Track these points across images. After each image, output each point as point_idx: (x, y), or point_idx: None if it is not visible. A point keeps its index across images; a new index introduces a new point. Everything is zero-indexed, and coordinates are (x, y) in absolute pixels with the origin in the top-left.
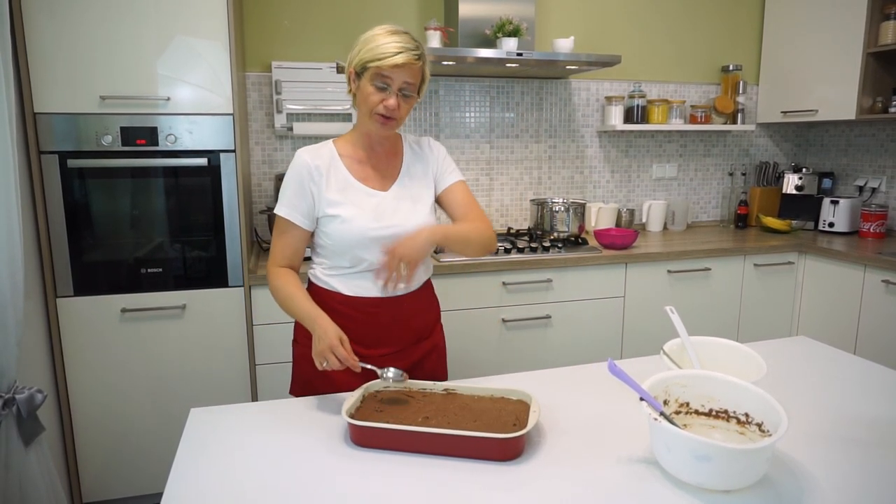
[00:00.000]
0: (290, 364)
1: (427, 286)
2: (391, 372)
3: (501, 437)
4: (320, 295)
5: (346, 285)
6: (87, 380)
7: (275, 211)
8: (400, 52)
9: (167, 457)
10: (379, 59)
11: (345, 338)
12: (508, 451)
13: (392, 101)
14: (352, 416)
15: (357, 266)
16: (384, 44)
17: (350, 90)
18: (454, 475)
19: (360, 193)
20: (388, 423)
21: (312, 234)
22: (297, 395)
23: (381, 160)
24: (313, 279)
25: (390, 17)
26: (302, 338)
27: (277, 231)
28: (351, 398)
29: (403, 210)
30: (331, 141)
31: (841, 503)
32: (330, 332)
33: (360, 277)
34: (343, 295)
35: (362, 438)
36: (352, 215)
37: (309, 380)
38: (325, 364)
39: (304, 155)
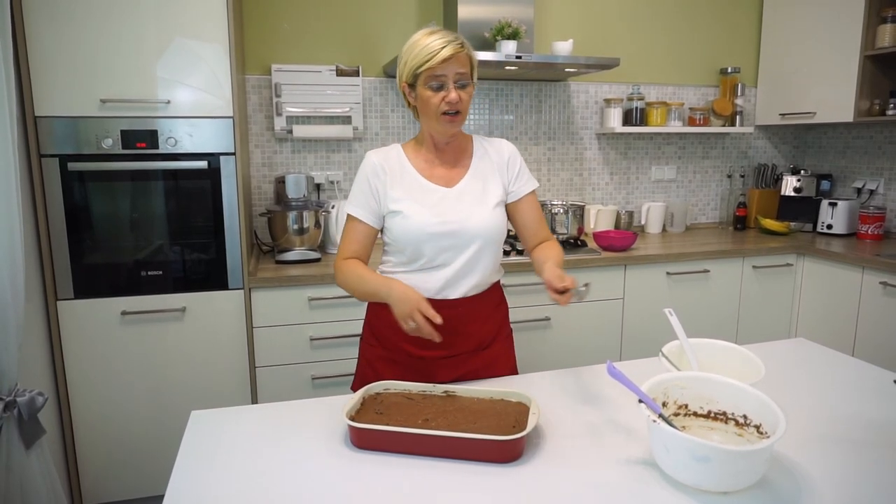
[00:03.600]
0: (290, 366)
1: (490, 293)
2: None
3: (501, 439)
4: None
5: (412, 280)
6: (88, 382)
7: (345, 209)
8: (444, 47)
9: (167, 459)
10: (427, 61)
11: (424, 302)
12: (508, 453)
13: (453, 95)
14: (352, 419)
15: (416, 262)
16: (426, 45)
17: (409, 104)
18: (454, 477)
19: (425, 190)
20: (388, 425)
21: (379, 233)
22: (355, 391)
23: (448, 159)
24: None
25: (390, 19)
26: (368, 336)
27: (345, 228)
28: (351, 400)
29: (466, 207)
30: (398, 144)
31: None
32: (411, 293)
33: (416, 276)
34: None
35: (362, 441)
36: (413, 211)
37: (366, 378)
38: (411, 325)
39: (372, 156)
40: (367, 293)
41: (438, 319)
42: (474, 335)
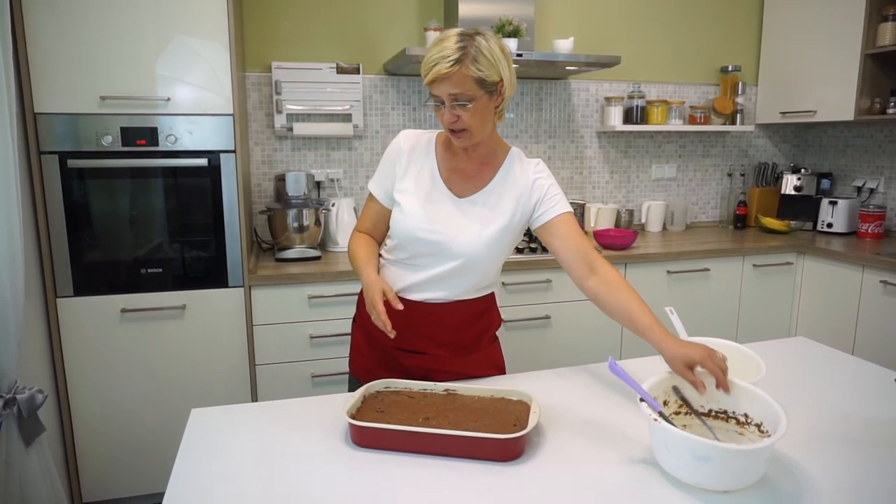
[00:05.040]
0: (290, 364)
1: (472, 305)
2: None
3: (502, 438)
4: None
5: (387, 271)
6: (88, 380)
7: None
8: (433, 66)
9: (167, 457)
10: (424, 78)
11: (388, 288)
12: (509, 452)
13: (446, 116)
14: (352, 417)
15: (399, 253)
16: (427, 59)
17: None
18: (455, 475)
19: (434, 191)
20: (388, 423)
21: None
22: (354, 372)
23: (471, 164)
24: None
25: (390, 17)
26: (359, 317)
27: (367, 202)
28: (351, 399)
29: (461, 224)
30: (436, 132)
31: (839, 503)
32: (376, 281)
33: (394, 271)
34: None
35: (363, 439)
36: (410, 208)
37: (366, 365)
38: (373, 313)
39: (403, 136)
40: (354, 270)
41: (399, 306)
42: (446, 341)
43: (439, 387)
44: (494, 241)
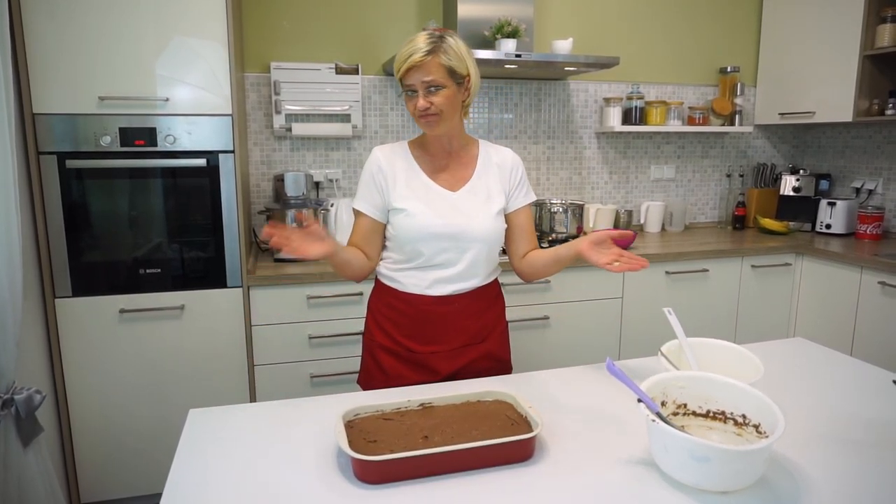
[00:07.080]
0: (289, 364)
1: (487, 290)
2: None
3: (523, 438)
4: (383, 290)
5: (402, 282)
6: (86, 380)
7: (352, 204)
8: (409, 57)
9: (165, 457)
10: (397, 72)
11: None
12: (528, 451)
13: (420, 103)
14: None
15: (413, 261)
16: (400, 53)
17: None
18: (461, 489)
19: (431, 191)
20: (392, 452)
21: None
22: (362, 385)
23: (452, 161)
24: (378, 275)
25: (390, 17)
26: (371, 326)
27: (354, 223)
28: (340, 435)
29: (470, 211)
30: (405, 141)
31: None
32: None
33: (415, 275)
34: (399, 291)
35: (377, 475)
36: (418, 210)
37: (369, 371)
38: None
39: (378, 152)
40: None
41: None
42: (468, 330)
43: (414, 402)
44: (500, 220)
